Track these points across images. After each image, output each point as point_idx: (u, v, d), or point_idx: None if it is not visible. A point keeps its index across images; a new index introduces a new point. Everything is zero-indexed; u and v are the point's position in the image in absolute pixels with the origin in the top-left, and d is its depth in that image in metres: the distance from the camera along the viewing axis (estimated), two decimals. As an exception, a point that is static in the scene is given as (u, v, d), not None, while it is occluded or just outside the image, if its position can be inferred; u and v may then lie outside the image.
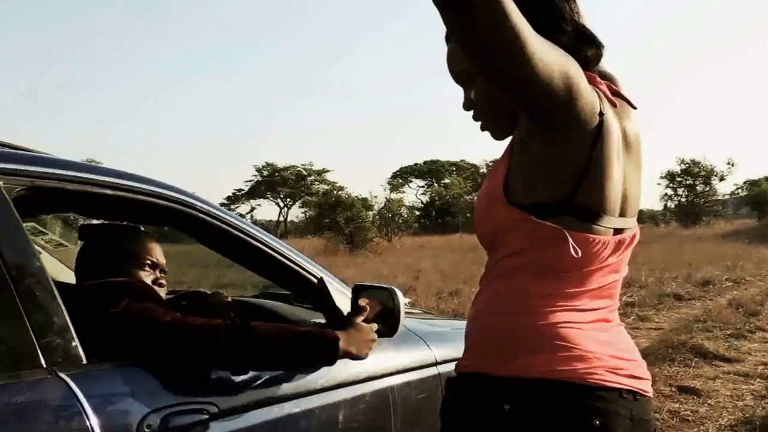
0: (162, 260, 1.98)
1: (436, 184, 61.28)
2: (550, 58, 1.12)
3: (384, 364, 2.10)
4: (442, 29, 1.18)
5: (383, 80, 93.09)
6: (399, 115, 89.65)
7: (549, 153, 1.24)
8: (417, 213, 51.09)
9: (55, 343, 1.39)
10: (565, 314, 1.28)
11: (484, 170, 55.06)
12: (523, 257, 1.31)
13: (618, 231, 1.31)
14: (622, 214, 1.32)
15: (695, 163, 44.55)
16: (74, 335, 1.43)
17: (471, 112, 1.43)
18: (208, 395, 1.60)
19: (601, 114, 1.23)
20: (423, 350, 2.29)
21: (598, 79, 1.32)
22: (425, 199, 56.95)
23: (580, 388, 1.23)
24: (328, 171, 60.70)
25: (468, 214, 49.25)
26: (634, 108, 1.39)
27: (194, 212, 1.83)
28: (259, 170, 60.30)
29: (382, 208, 35.48)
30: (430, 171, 63.04)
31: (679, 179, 45.10)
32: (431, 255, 20.02)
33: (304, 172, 60.18)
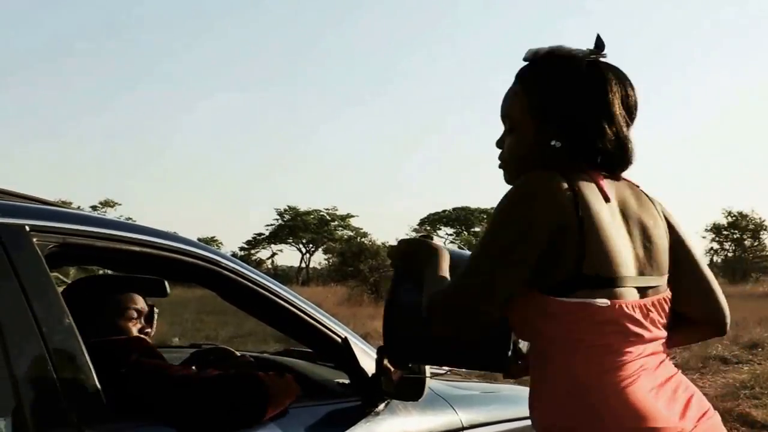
0: (145, 307, 2.07)
1: (465, 232, 61.16)
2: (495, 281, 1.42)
3: (408, 429, 2.14)
4: (476, 70, 1.33)
5: (411, 125, 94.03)
6: (427, 159, 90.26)
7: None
8: (445, 262, 50.74)
9: (83, 400, 1.47)
10: (636, 388, 1.40)
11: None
12: (559, 346, 1.44)
13: (644, 293, 1.47)
14: (641, 274, 1.47)
15: (743, 216, 44.09)
16: (102, 393, 1.51)
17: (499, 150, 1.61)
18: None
19: (576, 206, 1.40)
20: (449, 415, 2.31)
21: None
22: (454, 248, 56.87)
23: None
24: (352, 216, 60.88)
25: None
26: (637, 186, 1.60)
27: (219, 269, 1.91)
28: (280, 214, 60.68)
29: (409, 256, 35.32)
30: (459, 218, 62.96)
31: (725, 233, 44.60)
32: (460, 308, 19.87)
33: (328, 217, 60.41)
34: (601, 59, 1.53)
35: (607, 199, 1.46)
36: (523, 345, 1.73)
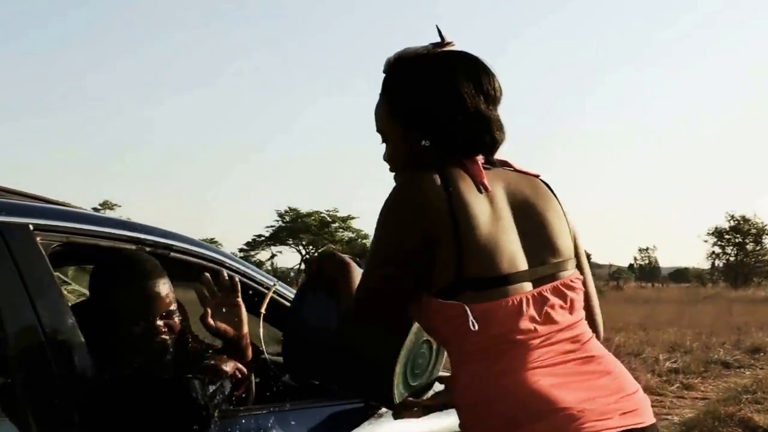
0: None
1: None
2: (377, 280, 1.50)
3: (415, 428, 2.14)
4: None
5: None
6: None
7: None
8: (446, 265, 50.72)
9: (86, 400, 1.46)
10: (527, 376, 1.42)
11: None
12: (453, 344, 1.49)
13: (541, 282, 1.48)
14: (537, 263, 1.49)
15: (745, 220, 44.08)
16: (104, 392, 1.51)
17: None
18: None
19: (450, 207, 1.43)
20: (452, 417, 2.29)
21: (478, 159, 1.53)
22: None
23: None
24: (353, 218, 60.88)
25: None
26: (536, 175, 1.62)
27: (223, 269, 1.91)
28: (281, 215, 60.76)
29: (410, 258, 35.41)
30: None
31: (727, 237, 44.60)
32: (460, 310, 19.89)
33: (328, 219, 60.43)
34: (448, 50, 1.57)
35: (483, 190, 1.49)
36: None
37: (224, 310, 1.82)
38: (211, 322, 1.77)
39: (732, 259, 44.16)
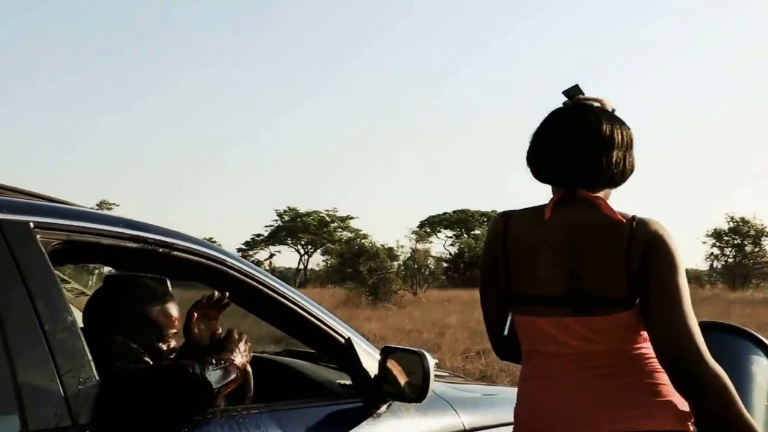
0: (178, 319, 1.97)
1: (465, 235, 61.10)
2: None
3: (415, 429, 2.14)
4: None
5: (413, 126, 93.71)
6: (427, 161, 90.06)
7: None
8: (444, 265, 50.94)
9: (84, 399, 1.47)
10: (527, 380, 1.82)
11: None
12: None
13: (569, 310, 1.68)
14: (570, 294, 1.68)
15: (744, 221, 44.09)
16: (104, 391, 1.51)
17: None
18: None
19: (504, 241, 1.80)
20: (451, 417, 2.32)
21: (556, 192, 1.80)
22: (453, 250, 57.00)
23: None
24: (352, 218, 60.81)
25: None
26: (618, 220, 1.69)
27: (225, 268, 1.92)
28: (280, 215, 60.69)
29: (408, 258, 35.50)
30: (459, 221, 62.79)
31: (726, 238, 44.61)
32: (458, 310, 19.85)
33: (327, 219, 60.38)
34: (573, 102, 1.83)
35: (543, 223, 1.74)
36: None
37: (204, 320, 1.97)
38: (194, 327, 1.95)
39: (731, 260, 44.17)
